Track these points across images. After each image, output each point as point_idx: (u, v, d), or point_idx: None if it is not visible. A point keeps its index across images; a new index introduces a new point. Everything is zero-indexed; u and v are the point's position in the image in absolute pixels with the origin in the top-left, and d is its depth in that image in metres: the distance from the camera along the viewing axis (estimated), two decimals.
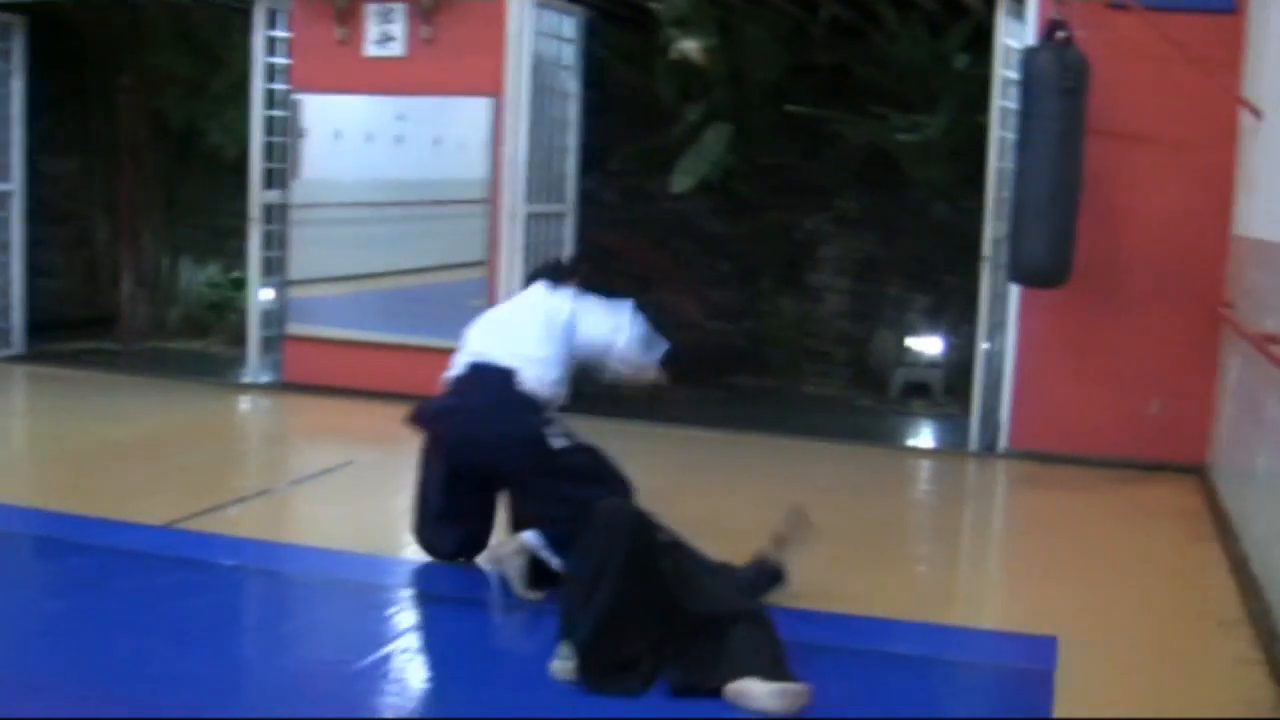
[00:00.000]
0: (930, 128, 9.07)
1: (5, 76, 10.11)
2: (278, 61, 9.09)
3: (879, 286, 10.17)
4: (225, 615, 4.77)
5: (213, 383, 9.47)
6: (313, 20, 8.79)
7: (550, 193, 8.95)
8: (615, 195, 10.43)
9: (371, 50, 8.71)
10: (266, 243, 9.18)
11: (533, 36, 8.51)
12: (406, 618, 4.76)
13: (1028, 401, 7.64)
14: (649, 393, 5.54)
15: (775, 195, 10.21)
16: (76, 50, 11.15)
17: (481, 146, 8.53)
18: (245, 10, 9.14)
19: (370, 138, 8.82)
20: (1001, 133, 7.59)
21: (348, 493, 6.68)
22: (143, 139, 11.22)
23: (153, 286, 11.62)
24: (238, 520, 5.95)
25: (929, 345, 9.71)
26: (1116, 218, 7.35)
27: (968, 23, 8.75)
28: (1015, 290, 7.52)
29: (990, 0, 7.78)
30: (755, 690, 3.84)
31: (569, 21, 8.98)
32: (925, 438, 8.58)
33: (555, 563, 4.75)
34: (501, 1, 8.39)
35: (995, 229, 7.63)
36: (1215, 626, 4.85)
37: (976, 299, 7.84)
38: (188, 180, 11.62)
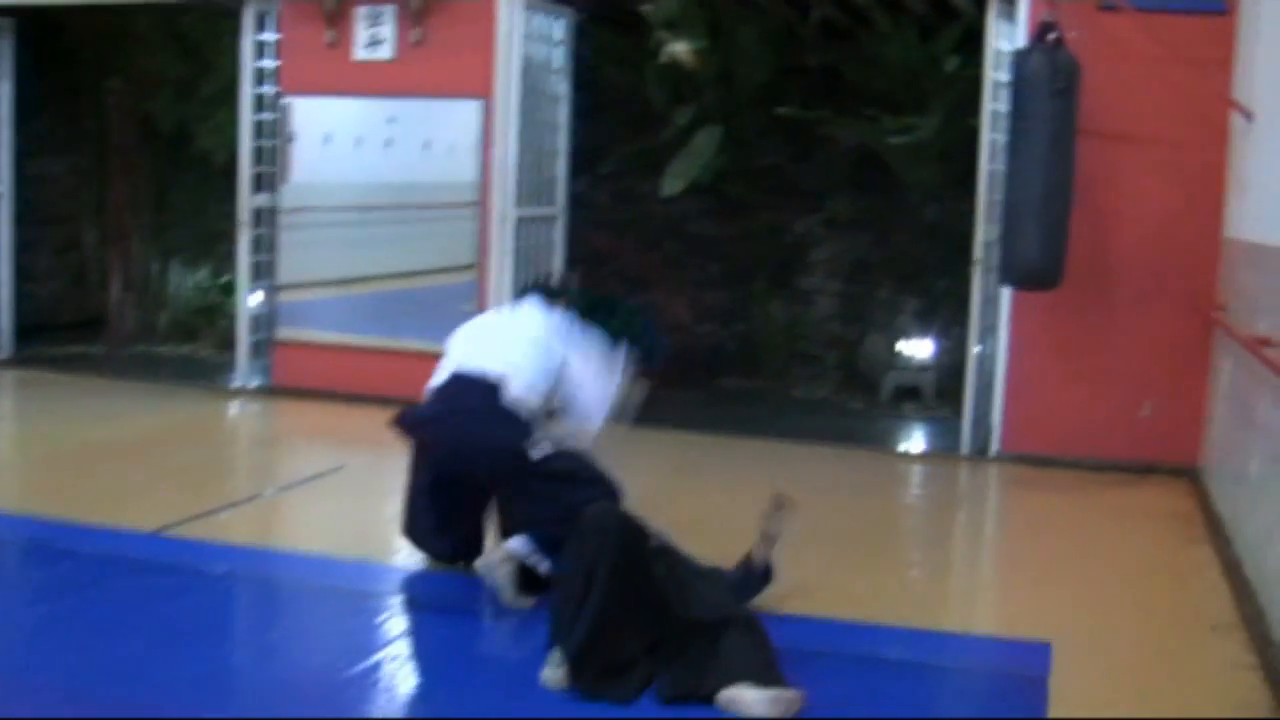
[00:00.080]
0: (921, 130, 9.06)
1: None
2: (267, 64, 9.05)
3: (870, 289, 10.17)
4: (215, 622, 4.74)
5: (202, 387, 9.43)
6: (302, 23, 8.76)
7: (540, 196, 8.92)
8: (606, 198, 10.42)
9: (361, 53, 8.67)
10: (256, 246, 9.14)
11: (522, 39, 8.49)
12: (397, 624, 4.74)
13: (1020, 404, 7.63)
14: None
15: (766, 197, 10.20)
16: (66, 53, 11.11)
17: (471, 149, 8.50)
18: (234, 13, 9.10)
19: (360, 141, 8.79)
20: (993, 135, 7.58)
21: (338, 498, 6.66)
22: (132, 142, 11.20)
23: (142, 290, 11.58)
24: (228, 526, 5.92)
25: (920, 348, 9.69)
26: (1108, 220, 7.34)
27: (958, 25, 8.74)
28: (1007, 293, 7.52)
29: (981, 2, 7.77)
30: (747, 697, 3.83)
31: (559, 24, 8.95)
32: (917, 441, 8.56)
33: (545, 567, 4.73)
34: (491, 4, 8.37)
35: (987, 231, 7.62)
36: (1209, 631, 4.85)
37: (967, 302, 7.83)
38: (177, 184, 11.57)
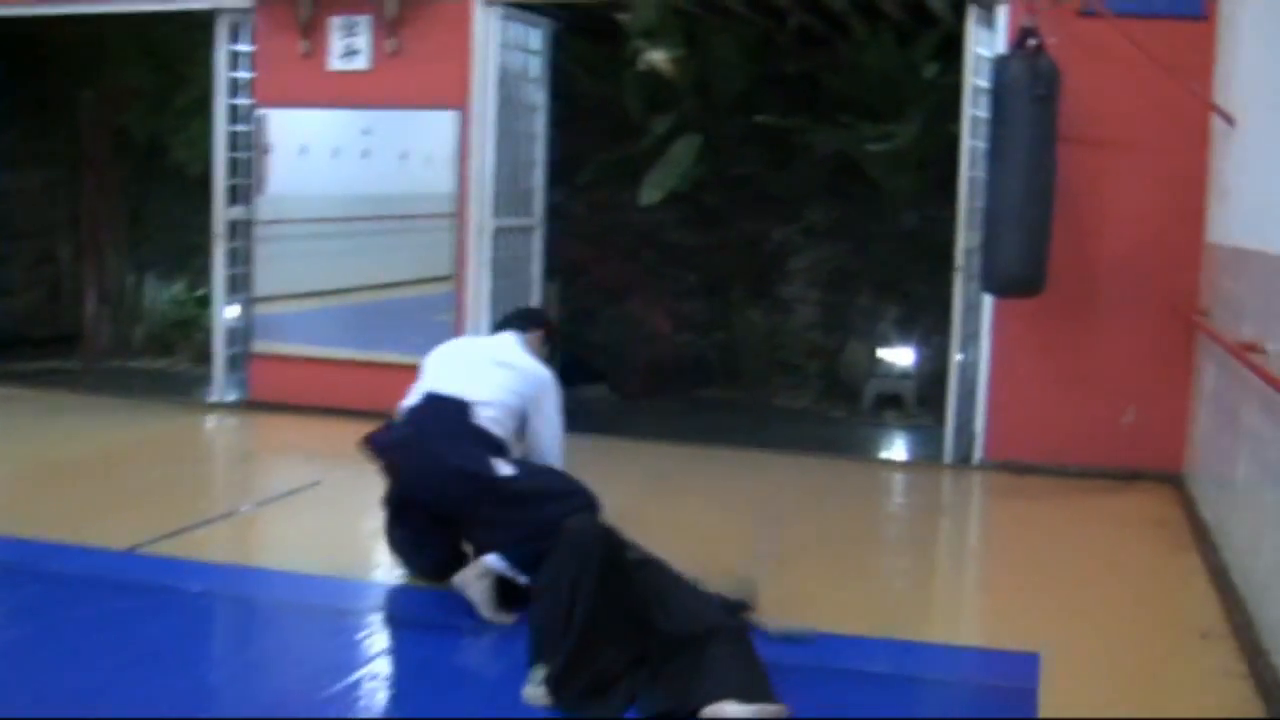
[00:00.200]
0: (900, 137, 9.04)
1: None
2: (241, 76, 8.97)
3: (850, 297, 10.14)
4: (190, 642, 4.66)
5: (178, 401, 9.33)
6: (276, 33, 8.68)
7: (518, 206, 8.85)
8: (584, 208, 10.37)
9: (336, 64, 8.60)
10: (231, 259, 9.05)
11: (499, 49, 8.43)
12: (377, 642, 4.66)
13: (1002, 412, 7.60)
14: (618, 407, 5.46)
15: (745, 206, 10.18)
16: (38, 65, 11.01)
17: (448, 160, 8.44)
18: (208, 24, 9.02)
19: (336, 152, 8.71)
20: (972, 141, 7.55)
21: (315, 513, 6.57)
22: (106, 155, 11.11)
23: (116, 304, 11.49)
24: (203, 543, 5.83)
25: (901, 356, 9.68)
26: (1089, 225, 7.33)
27: (937, 31, 8.72)
28: (989, 300, 7.49)
29: (959, 8, 7.75)
30: (732, 712, 3.77)
31: (535, 33, 8.90)
32: (899, 449, 8.53)
33: (524, 580, 4.66)
34: (467, 13, 8.32)
35: (968, 239, 7.59)
36: (1197, 638, 4.81)
37: (948, 309, 7.79)
38: (152, 196, 11.49)
